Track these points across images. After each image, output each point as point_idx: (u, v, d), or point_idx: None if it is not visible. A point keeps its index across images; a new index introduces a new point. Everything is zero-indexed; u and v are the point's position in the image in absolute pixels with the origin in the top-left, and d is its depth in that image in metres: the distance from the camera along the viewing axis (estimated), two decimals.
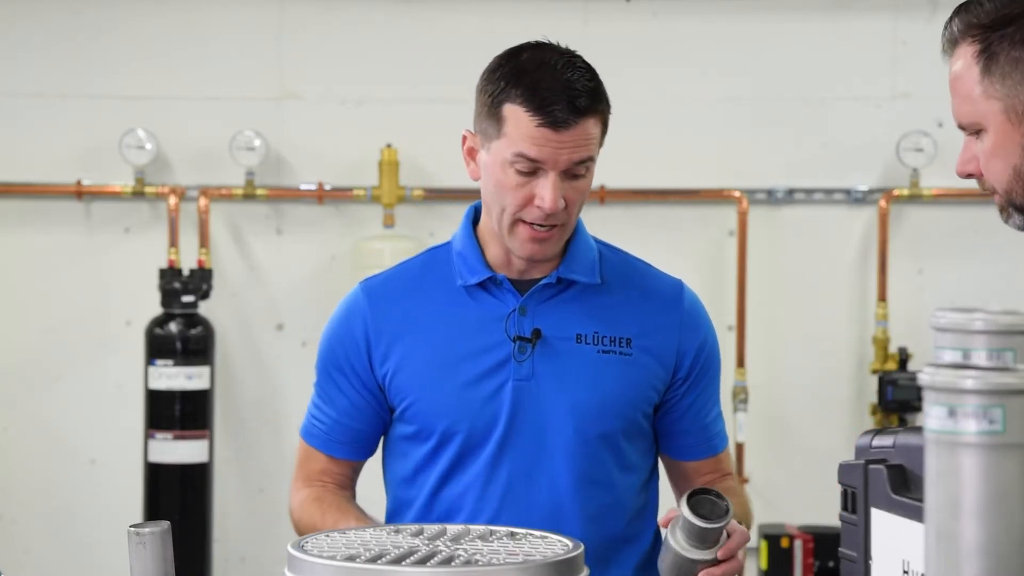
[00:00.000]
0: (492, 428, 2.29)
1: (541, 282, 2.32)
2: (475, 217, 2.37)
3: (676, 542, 2.09)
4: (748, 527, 2.36)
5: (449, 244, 2.39)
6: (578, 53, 2.28)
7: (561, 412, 2.29)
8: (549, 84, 2.20)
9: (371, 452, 2.44)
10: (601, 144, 2.28)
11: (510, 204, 2.24)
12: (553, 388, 2.29)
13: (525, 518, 2.23)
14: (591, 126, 2.22)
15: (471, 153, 2.31)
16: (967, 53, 1.91)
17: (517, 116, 2.21)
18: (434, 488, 2.33)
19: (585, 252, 2.35)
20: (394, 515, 2.40)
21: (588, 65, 2.25)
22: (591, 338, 2.31)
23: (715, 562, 2.09)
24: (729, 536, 2.10)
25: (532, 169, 2.21)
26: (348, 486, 2.44)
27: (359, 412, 2.38)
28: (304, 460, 2.44)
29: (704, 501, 2.08)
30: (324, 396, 2.42)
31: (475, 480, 2.31)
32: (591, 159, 2.24)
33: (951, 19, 1.93)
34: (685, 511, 2.06)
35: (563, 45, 2.29)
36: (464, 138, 2.33)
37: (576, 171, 2.22)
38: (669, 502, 2.50)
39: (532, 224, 2.23)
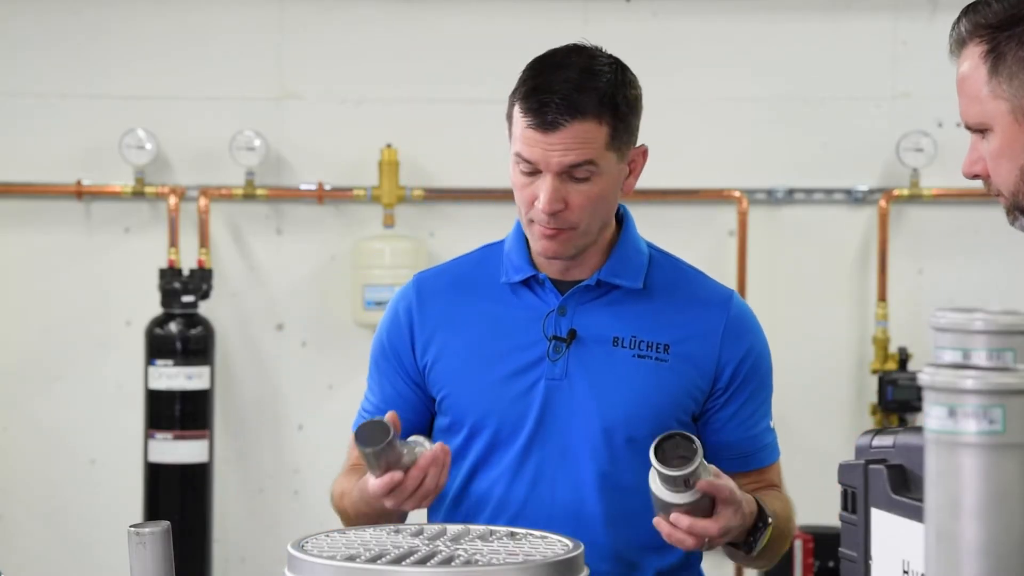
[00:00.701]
0: (521, 425, 2.30)
1: (581, 284, 2.32)
2: None
3: (653, 482, 2.08)
4: (787, 533, 2.34)
5: (503, 242, 2.41)
6: (605, 55, 2.28)
7: (590, 414, 2.29)
8: (546, 86, 2.20)
9: None
10: (619, 147, 2.26)
11: (521, 203, 2.26)
12: (584, 389, 2.29)
13: (548, 516, 2.24)
14: (589, 129, 2.21)
15: None
16: (975, 53, 1.91)
17: (516, 117, 2.24)
18: (464, 481, 2.34)
19: (632, 256, 2.36)
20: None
21: (610, 68, 2.25)
22: (628, 342, 2.30)
23: (693, 506, 2.07)
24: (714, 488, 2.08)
25: (531, 170, 2.22)
26: None
27: (404, 401, 2.38)
28: (350, 449, 2.43)
29: (681, 443, 2.05)
30: (372, 386, 2.44)
31: (502, 476, 2.31)
32: (590, 163, 2.22)
33: (959, 19, 1.93)
34: (651, 456, 2.04)
35: (601, 47, 2.28)
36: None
37: (575, 174, 2.22)
38: None
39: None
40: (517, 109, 2.23)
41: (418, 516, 2.35)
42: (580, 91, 2.20)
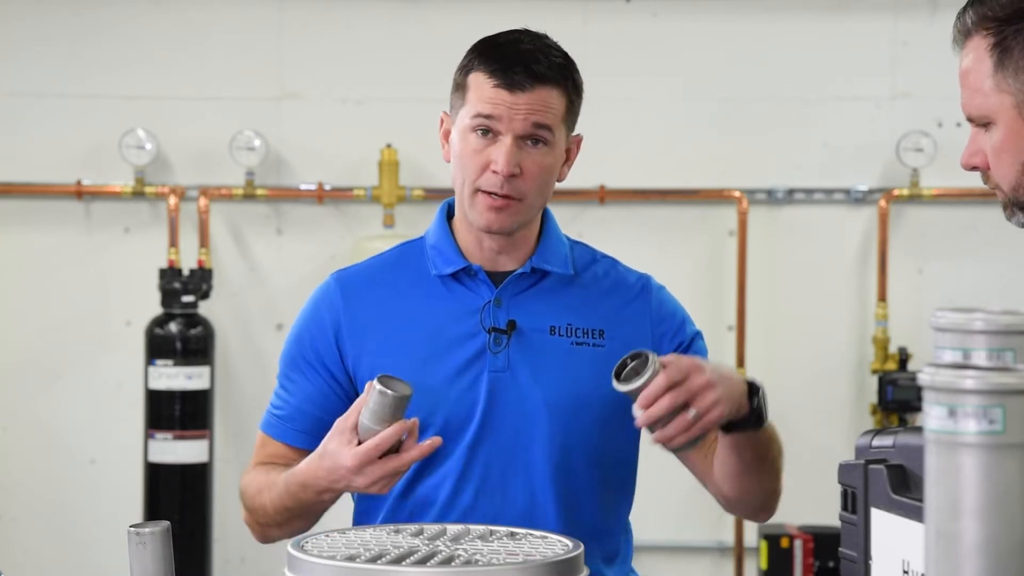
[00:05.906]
0: (468, 419, 2.29)
1: (515, 273, 2.33)
2: (449, 212, 2.40)
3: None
4: (780, 444, 2.31)
5: (423, 239, 2.40)
6: (551, 39, 2.35)
7: (536, 404, 2.29)
8: (511, 53, 2.28)
9: None
10: (569, 125, 2.32)
11: (469, 172, 2.27)
12: (528, 380, 2.29)
13: (500, 510, 2.24)
14: (551, 96, 2.27)
15: (446, 135, 2.37)
16: (980, 46, 1.90)
17: (478, 81, 2.28)
18: (409, 480, 2.30)
19: (557, 244, 2.38)
20: (366, 507, 2.37)
21: (560, 48, 2.33)
22: (564, 330, 2.32)
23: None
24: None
25: (489, 132, 2.26)
26: None
27: (323, 398, 2.35)
28: (260, 447, 2.41)
29: (637, 360, 2.08)
30: (288, 385, 2.40)
31: (450, 472, 2.29)
32: (548, 128, 2.27)
33: (964, 10, 1.92)
34: (613, 380, 2.07)
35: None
36: (441, 120, 2.39)
37: (536, 134, 2.26)
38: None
39: (489, 192, 2.26)
40: (478, 74, 2.28)
41: (341, 519, 2.30)
42: (543, 59, 2.28)
